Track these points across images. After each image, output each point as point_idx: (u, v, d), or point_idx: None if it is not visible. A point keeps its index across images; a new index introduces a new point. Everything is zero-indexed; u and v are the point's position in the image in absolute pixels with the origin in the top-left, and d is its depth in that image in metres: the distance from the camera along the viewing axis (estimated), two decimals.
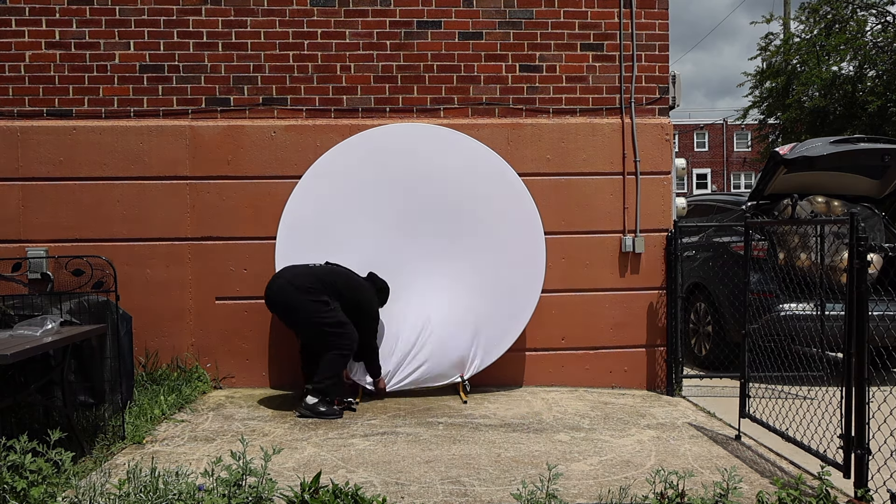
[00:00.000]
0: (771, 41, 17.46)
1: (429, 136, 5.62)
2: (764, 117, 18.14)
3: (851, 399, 3.41)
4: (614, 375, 5.83)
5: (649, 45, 5.85)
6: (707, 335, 6.88)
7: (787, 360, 4.59)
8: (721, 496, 3.03)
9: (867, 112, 14.37)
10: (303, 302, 4.82)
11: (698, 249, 7.21)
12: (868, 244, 3.38)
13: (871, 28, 15.87)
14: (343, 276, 5.06)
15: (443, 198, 5.56)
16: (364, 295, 5.05)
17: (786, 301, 5.97)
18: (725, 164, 44.46)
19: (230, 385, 5.69)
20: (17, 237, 5.54)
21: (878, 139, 6.60)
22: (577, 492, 3.47)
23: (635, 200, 5.82)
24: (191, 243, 5.65)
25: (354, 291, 5.01)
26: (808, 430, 3.97)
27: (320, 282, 4.89)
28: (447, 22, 5.76)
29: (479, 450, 4.13)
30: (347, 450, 4.11)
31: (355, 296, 5.00)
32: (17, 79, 5.57)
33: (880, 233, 6.61)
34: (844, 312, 3.46)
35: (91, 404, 4.42)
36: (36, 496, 2.90)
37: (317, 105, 5.74)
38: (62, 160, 5.57)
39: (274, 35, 5.68)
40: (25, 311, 4.43)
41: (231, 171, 5.66)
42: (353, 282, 5.08)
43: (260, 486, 2.92)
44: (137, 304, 5.49)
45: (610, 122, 5.84)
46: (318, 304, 4.83)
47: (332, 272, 5.04)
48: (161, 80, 5.65)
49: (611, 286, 5.83)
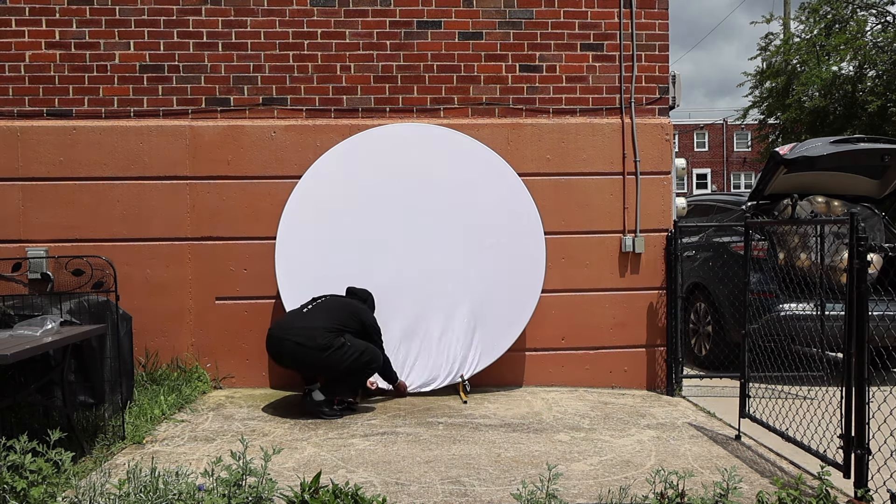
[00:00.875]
0: (771, 41, 17.48)
1: (429, 136, 5.62)
2: (764, 117, 18.15)
3: (851, 399, 3.41)
4: (614, 375, 5.83)
5: (649, 45, 5.85)
6: (707, 335, 6.88)
7: (786, 360, 4.58)
8: (721, 496, 3.03)
9: (867, 112, 14.38)
10: (324, 358, 4.72)
11: (698, 249, 7.21)
12: (868, 244, 3.38)
13: (871, 28, 15.88)
14: (340, 308, 4.98)
15: (442, 198, 5.56)
16: (364, 314, 5.04)
17: (786, 301, 5.97)
18: (725, 164, 44.45)
19: (230, 385, 5.69)
20: (17, 237, 5.54)
21: (878, 139, 6.59)
22: (577, 492, 3.47)
23: (635, 200, 5.82)
24: (191, 243, 5.65)
25: (356, 317, 4.98)
26: (808, 430, 3.97)
27: (330, 331, 4.77)
28: (447, 22, 5.76)
29: (479, 450, 4.13)
30: (347, 450, 4.11)
31: (359, 320, 4.98)
32: (17, 79, 5.57)
33: (880, 233, 6.60)
34: (844, 312, 3.46)
35: (91, 404, 4.42)
36: (36, 496, 2.90)
37: (317, 105, 5.74)
38: (62, 160, 5.57)
39: (274, 35, 5.68)
40: (25, 311, 4.43)
41: (231, 171, 5.66)
42: (350, 308, 5.03)
43: (260, 486, 2.92)
44: (137, 304, 5.49)
45: (610, 122, 5.84)
46: (338, 352, 4.74)
47: (330, 313, 4.90)
48: (161, 80, 5.65)
49: (611, 286, 5.83)
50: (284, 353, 4.78)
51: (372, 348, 4.91)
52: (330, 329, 4.76)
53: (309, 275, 5.41)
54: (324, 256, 5.44)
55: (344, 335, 4.82)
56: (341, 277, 5.40)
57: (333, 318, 4.85)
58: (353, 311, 4.99)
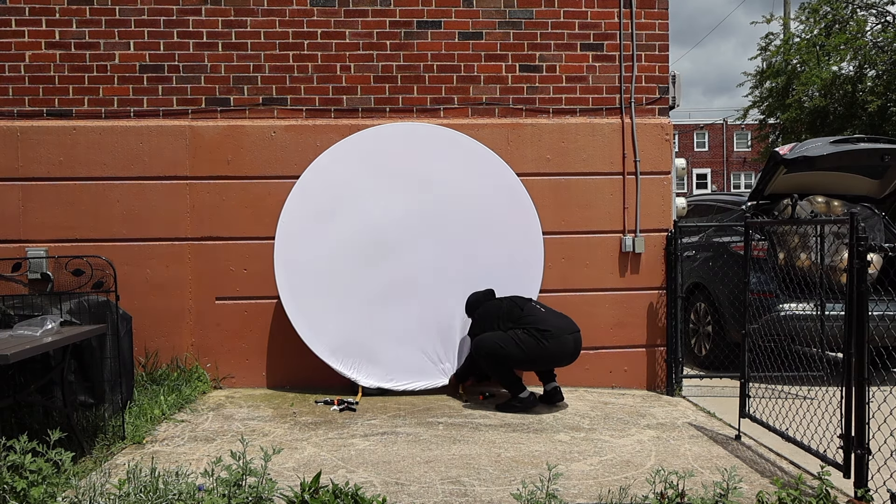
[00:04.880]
0: (771, 41, 17.48)
1: (428, 136, 5.62)
2: (764, 117, 18.15)
3: (851, 399, 3.41)
4: (614, 375, 5.83)
5: (649, 45, 5.85)
6: (707, 335, 6.88)
7: (787, 360, 4.59)
8: (721, 496, 3.03)
9: (867, 112, 14.37)
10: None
11: (698, 249, 7.21)
12: (868, 244, 3.38)
13: (871, 28, 15.88)
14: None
15: (441, 198, 5.56)
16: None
17: (786, 301, 5.97)
18: (725, 164, 44.45)
19: (230, 385, 5.69)
20: (17, 237, 5.54)
21: (878, 139, 6.59)
22: (577, 492, 3.47)
23: (635, 200, 5.82)
24: (191, 243, 5.65)
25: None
26: (808, 430, 3.97)
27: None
28: (447, 22, 5.76)
29: (479, 450, 4.13)
30: (347, 450, 4.11)
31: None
32: (17, 79, 5.57)
33: (880, 233, 6.60)
34: (844, 312, 3.46)
35: (91, 404, 4.42)
36: (36, 496, 2.90)
37: (317, 105, 5.74)
38: (62, 160, 5.57)
39: (274, 35, 5.68)
40: (25, 311, 4.44)
41: (231, 171, 5.66)
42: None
43: (260, 486, 2.92)
44: (137, 304, 5.49)
45: (610, 122, 5.84)
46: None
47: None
48: (161, 80, 5.65)
49: (611, 286, 5.83)
50: (568, 351, 4.97)
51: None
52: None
53: (309, 274, 5.41)
54: (324, 256, 5.44)
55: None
56: (341, 276, 5.40)
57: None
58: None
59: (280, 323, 5.59)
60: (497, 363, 4.91)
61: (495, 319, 5.01)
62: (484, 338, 4.94)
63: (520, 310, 5.00)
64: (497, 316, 5.02)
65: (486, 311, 5.10)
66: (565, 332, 4.91)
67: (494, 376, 5.10)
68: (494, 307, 5.09)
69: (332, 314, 5.39)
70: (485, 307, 5.14)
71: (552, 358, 4.94)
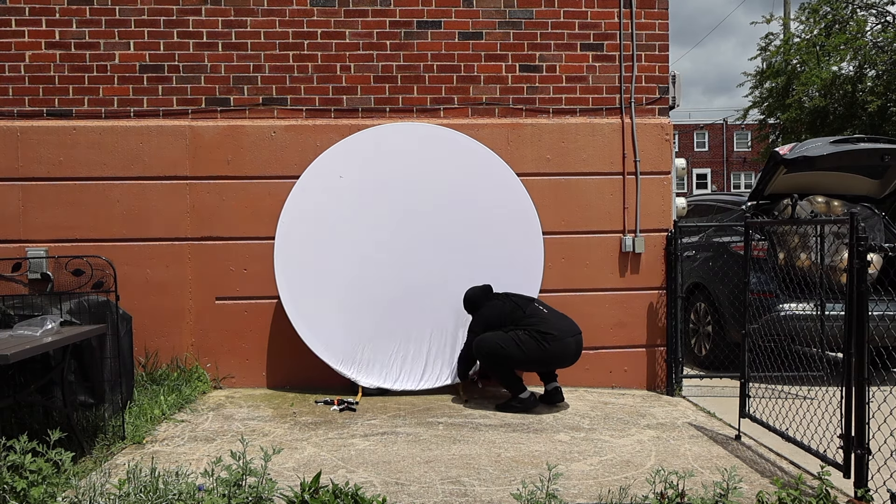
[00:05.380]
0: (771, 41, 17.47)
1: (428, 136, 5.62)
2: (764, 117, 18.15)
3: (851, 399, 3.41)
4: (614, 375, 5.83)
5: (649, 45, 5.85)
6: (707, 335, 6.88)
7: (787, 360, 4.58)
8: (721, 496, 3.03)
9: (867, 112, 14.37)
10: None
11: (698, 249, 7.21)
12: (868, 244, 3.38)
13: (871, 28, 15.88)
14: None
15: (441, 198, 5.56)
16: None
17: (786, 301, 5.97)
18: (725, 164, 44.45)
19: (230, 385, 5.69)
20: (17, 237, 5.54)
21: (878, 139, 6.59)
22: (577, 492, 3.47)
23: (635, 200, 5.82)
24: (191, 243, 5.65)
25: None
26: (808, 430, 3.97)
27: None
28: (447, 22, 5.76)
29: (479, 450, 4.13)
30: (347, 450, 4.11)
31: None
32: (17, 79, 5.57)
33: (880, 233, 6.60)
34: (844, 312, 3.46)
35: (91, 404, 4.42)
36: (36, 496, 2.90)
37: (317, 105, 5.74)
38: (62, 160, 5.57)
39: (274, 35, 5.68)
40: (25, 311, 4.43)
41: (231, 171, 5.66)
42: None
43: (260, 486, 2.92)
44: (137, 304, 5.49)
45: (610, 122, 5.84)
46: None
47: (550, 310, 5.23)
48: (161, 80, 5.65)
49: (611, 286, 5.83)
50: (569, 354, 4.99)
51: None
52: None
53: (309, 274, 5.41)
54: (323, 256, 5.44)
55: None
56: (341, 276, 5.41)
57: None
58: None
59: (280, 323, 5.59)
60: (497, 363, 4.91)
61: (497, 319, 5.01)
62: (485, 338, 4.94)
63: (522, 311, 5.00)
64: (499, 316, 5.02)
65: (487, 311, 5.10)
66: (567, 335, 4.91)
67: (495, 376, 5.11)
68: (497, 307, 5.08)
69: (332, 314, 5.39)
70: (487, 307, 5.13)
71: (553, 360, 4.94)
